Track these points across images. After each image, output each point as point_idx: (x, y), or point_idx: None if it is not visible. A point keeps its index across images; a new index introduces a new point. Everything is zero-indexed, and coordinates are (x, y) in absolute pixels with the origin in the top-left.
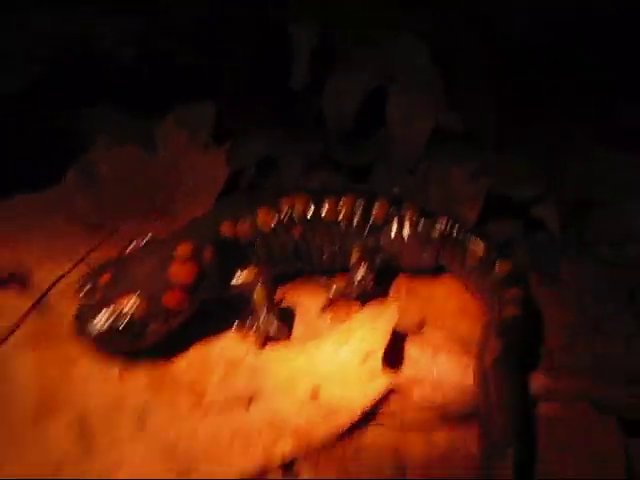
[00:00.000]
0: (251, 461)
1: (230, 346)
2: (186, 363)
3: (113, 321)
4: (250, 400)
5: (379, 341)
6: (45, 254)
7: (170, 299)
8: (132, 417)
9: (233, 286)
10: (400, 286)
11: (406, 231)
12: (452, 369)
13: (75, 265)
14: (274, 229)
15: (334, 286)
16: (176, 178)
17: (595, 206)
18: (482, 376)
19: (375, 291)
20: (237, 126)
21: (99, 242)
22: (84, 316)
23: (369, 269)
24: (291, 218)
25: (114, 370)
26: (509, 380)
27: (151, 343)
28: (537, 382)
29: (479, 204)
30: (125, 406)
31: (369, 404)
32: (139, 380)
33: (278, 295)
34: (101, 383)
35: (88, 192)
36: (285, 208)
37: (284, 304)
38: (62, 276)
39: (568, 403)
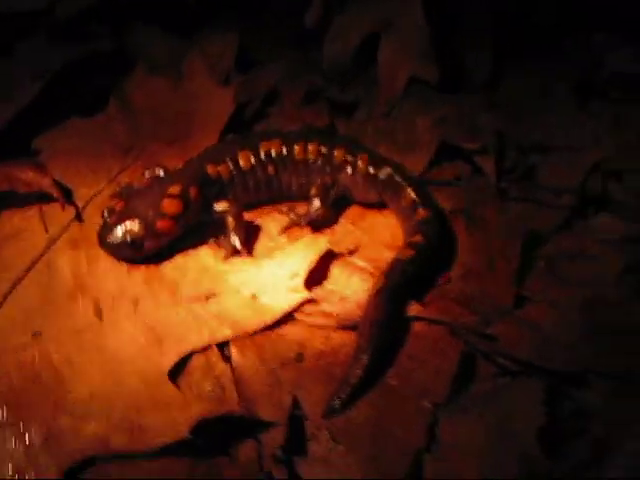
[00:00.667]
0: (201, 339)
1: (204, 257)
2: (171, 267)
3: (122, 238)
4: (208, 297)
5: (305, 265)
6: (88, 173)
7: (161, 225)
8: (130, 302)
9: (212, 213)
10: (349, 215)
11: (357, 172)
12: (359, 289)
13: (108, 184)
14: (252, 167)
15: (292, 214)
16: (194, 108)
17: (551, 153)
18: (367, 300)
19: (327, 219)
20: (257, 56)
21: (127, 166)
22: (104, 232)
23: (323, 202)
24: (267, 157)
25: (123, 268)
26: (383, 307)
27: (148, 254)
28: (413, 309)
29: (432, 151)
30: (126, 294)
31: (288, 309)
32: (138, 277)
33: (249, 219)
34: (114, 276)
35: (125, 119)
36: (263, 150)
37: (251, 226)
38: (97, 194)
39: (432, 326)
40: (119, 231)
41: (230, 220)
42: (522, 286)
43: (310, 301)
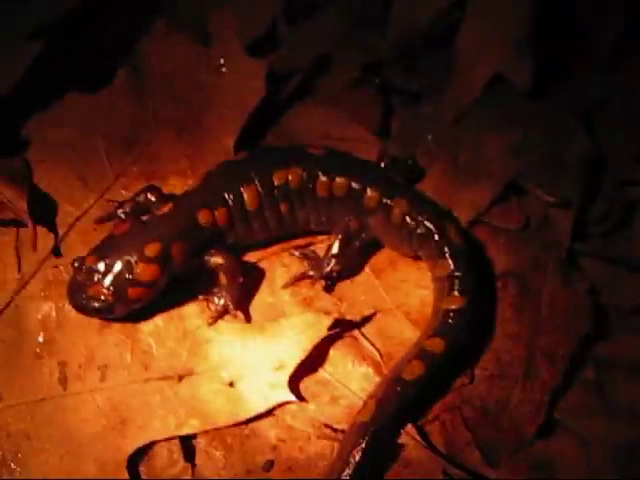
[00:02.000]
0: (166, 428)
1: (188, 317)
2: (148, 329)
3: (88, 300)
4: (182, 376)
5: (296, 355)
6: (77, 183)
7: (133, 293)
8: (97, 371)
9: (202, 266)
10: (377, 263)
11: (392, 220)
12: (357, 388)
13: (97, 200)
14: (260, 206)
15: (305, 261)
16: (216, 84)
17: None
18: (350, 428)
19: (346, 271)
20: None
21: (123, 171)
22: (71, 289)
23: (342, 253)
24: (281, 192)
25: (95, 326)
26: (364, 446)
27: (120, 316)
28: (407, 434)
29: (498, 188)
30: (95, 359)
31: (265, 408)
32: (110, 338)
33: (251, 259)
34: (84, 335)
35: (133, 94)
36: (277, 181)
37: (251, 276)
38: (83, 214)
39: (425, 457)
40: (86, 293)
41: (223, 277)
42: (556, 404)
43: (289, 402)
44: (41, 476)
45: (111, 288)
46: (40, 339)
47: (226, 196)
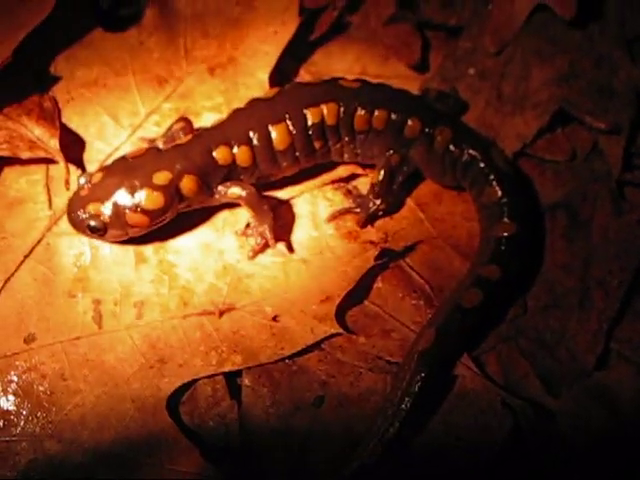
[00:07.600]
0: (208, 365)
1: (227, 252)
2: (186, 265)
3: (83, 217)
4: (224, 312)
5: (342, 287)
6: (108, 120)
7: (132, 218)
8: (133, 308)
9: (220, 199)
10: (420, 196)
11: (434, 150)
12: (408, 320)
13: (129, 137)
14: (291, 144)
15: (349, 196)
16: (248, 19)
17: None
18: (407, 357)
19: (390, 206)
20: None
21: (155, 109)
22: (71, 203)
23: (386, 192)
24: (316, 129)
25: (130, 261)
26: (424, 375)
27: (115, 241)
28: (463, 365)
29: (545, 117)
30: (131, 295)
31: (311, 341)
32: (146, 274)
33: (292, 194)
34: (119, 271)
35: (162, 32)
36: (311, 118)
37: (294, 209)
38: (114, 151)
39: (481, 388)
40: (85, 209)
41: (248, 209)
42: (613, 334)
43: (338, 335)
44: (77, 417)
45: (110, 208)
46: (73, 277)
47: (250, 134)
